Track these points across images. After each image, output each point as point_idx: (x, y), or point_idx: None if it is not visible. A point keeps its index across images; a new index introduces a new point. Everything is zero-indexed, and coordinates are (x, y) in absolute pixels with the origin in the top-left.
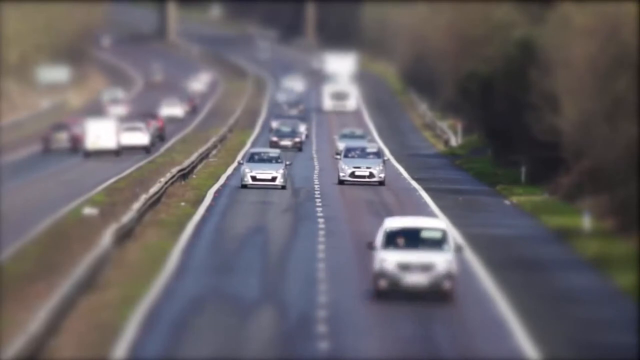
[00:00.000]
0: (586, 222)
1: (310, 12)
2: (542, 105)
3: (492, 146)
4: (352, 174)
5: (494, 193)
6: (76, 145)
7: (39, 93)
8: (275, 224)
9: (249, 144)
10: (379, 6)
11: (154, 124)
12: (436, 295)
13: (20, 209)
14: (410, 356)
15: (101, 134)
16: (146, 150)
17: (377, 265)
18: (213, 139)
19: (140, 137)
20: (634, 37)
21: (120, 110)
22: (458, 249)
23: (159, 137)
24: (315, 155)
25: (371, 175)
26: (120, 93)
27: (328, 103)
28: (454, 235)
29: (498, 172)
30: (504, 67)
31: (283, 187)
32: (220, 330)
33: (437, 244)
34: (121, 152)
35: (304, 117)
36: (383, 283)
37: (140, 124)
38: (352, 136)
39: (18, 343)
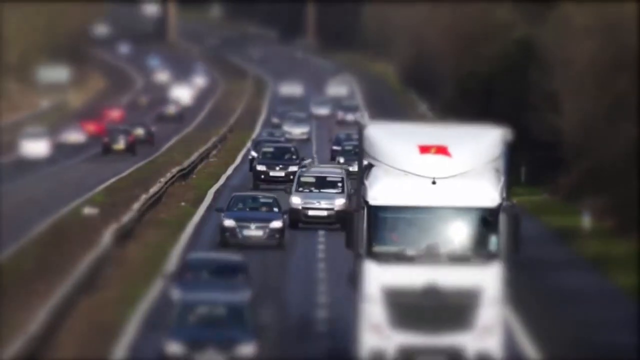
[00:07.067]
0: (586, 222)
1: (311, 12)
2: (542, 105)
3: None
4: None
5: None
6: None
7: (39, 93)
8: None
9: (249, 144)
10: (379, 6)
11: None
12: None
13: (21, 209)
14: None
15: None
16: None
17: None
18: (213, 139)
19: None
20: (634, 37)
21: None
22: None
23: None
24: (315, 156)
25: None
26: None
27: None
28: None
29: None
30: (504, 67)
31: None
32: None
33: None
34: None
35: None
36: None
37: None
38: None
39: (18, 343)
